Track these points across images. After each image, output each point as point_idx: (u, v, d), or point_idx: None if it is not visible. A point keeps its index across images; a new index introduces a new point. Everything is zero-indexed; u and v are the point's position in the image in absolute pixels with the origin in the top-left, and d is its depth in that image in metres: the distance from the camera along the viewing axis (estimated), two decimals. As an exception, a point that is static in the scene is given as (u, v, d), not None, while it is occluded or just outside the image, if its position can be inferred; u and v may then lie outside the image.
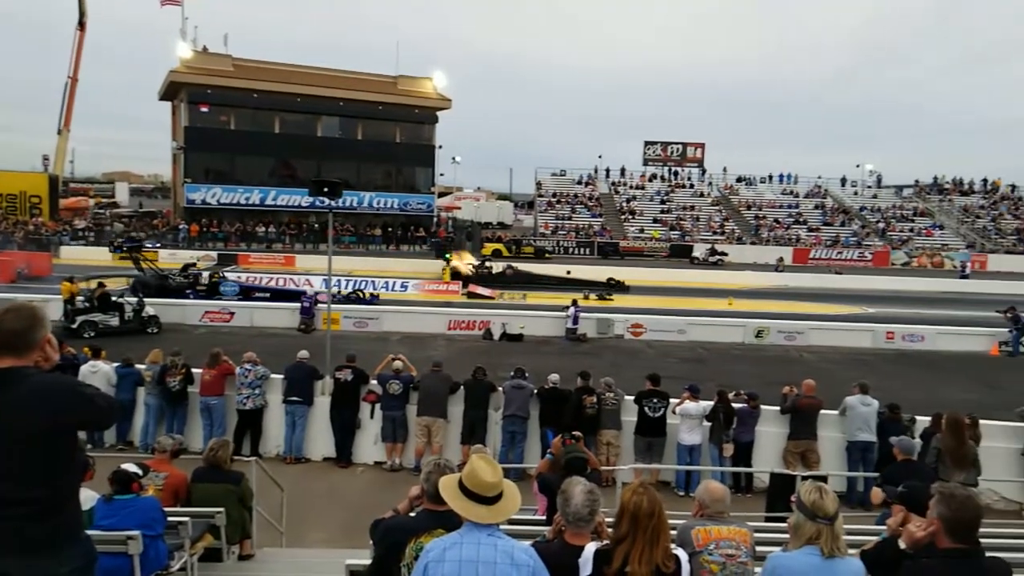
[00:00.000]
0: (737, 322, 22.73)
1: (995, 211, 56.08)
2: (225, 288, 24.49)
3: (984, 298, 30.24)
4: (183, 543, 5.57)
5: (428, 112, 51.89)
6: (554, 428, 10.38)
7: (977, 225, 53.83)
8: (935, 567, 2.91)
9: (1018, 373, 18.97)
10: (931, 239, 51.81)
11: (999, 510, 10.18)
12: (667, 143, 60.03)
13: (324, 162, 47.50)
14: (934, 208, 56.66)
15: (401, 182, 52.43)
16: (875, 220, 54.37)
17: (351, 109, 49.45)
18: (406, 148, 51.83)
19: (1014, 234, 52.24)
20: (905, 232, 52.59)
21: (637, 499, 3.07)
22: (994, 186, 59.70)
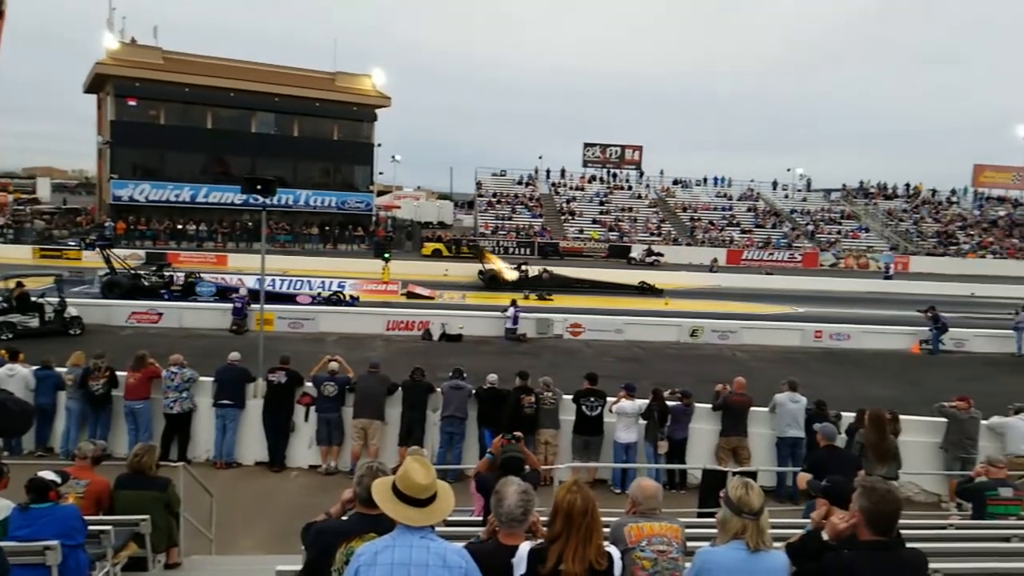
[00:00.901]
0: (673, 321, 23.13)
1: (917, 215, 58.72)
2: (201, 289, 23.85)
3: (906, 298, 31.50)
4: (105, 553, 5.38)
5: (367, 110, 51.31)
6: (492, 428, 10.42)
7: (900, 228, 56.23)
8: (856, 558, 3.00)
9: (937, 370, 19.81)
10: (857, 241, 53.88)
11: (919, 502, 10.64)
12: (606, 145, 60.80)
13: (259, 159, 46.53)
14: (860, 211, 58.95)
15: (339, 180, 51.68)
16: (804, 223, 56.20)
17: (287, 105, 48.48)
18: (344, 146, 51.12)
19: (934, 237, 54.76)
20: (833, 234, 54.55)
21: (571, 497, 3.08)
22: (916, 191, 62.54)
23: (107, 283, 23.51)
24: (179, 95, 46.06)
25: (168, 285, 23.81)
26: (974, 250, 52.75)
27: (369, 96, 51.29)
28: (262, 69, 48.86)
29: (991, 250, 52.91)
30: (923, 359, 21.69)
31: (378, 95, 51.72)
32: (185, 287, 23.67)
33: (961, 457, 10.44)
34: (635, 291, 31.82)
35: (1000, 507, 6.50)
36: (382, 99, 51.72)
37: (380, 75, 52.60)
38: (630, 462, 10.52)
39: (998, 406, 11.21)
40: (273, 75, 48.58)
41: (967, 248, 53.06)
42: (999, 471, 7.18)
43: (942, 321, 22.29)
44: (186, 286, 23.69)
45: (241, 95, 46.91)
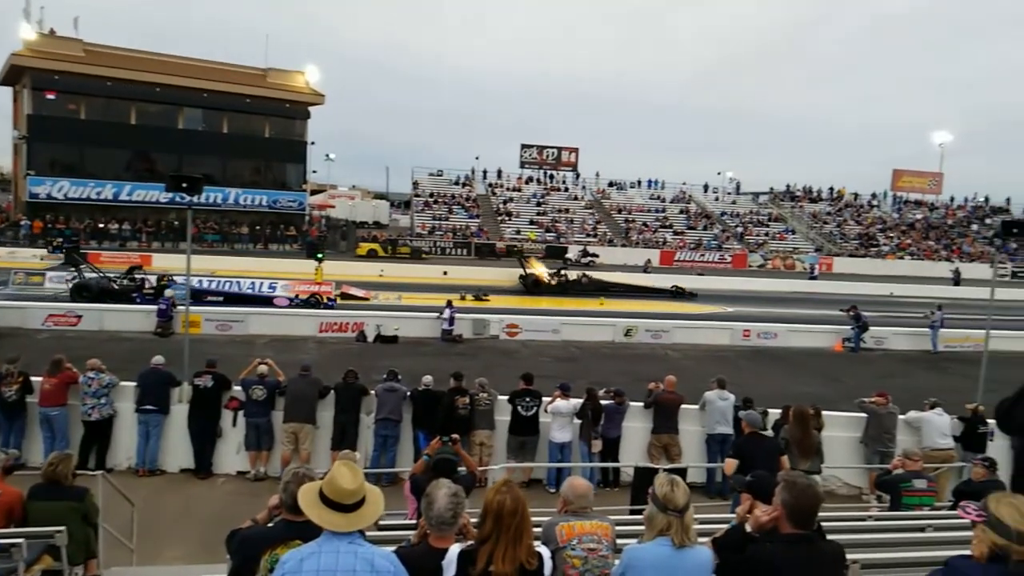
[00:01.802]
0: (607, 321, 23.44)
1: (840, 217, 61.08)
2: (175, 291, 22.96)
3: (830, 298, 32.68)
4: (16, 567, 5.10)
5: (300, 107, 50.32)
6: (427, 431, 10.34)
7: (824, 230, 58.36)
8: (776, 550, 3.08)
9: (859, 367, 20.61)
10: (784, 243, 55.66)
11: (842, 495, 11.02)
12: (543, 147, 61.15)
13: (186, 156, 45.10)
14: (787, 214, 60.94)
15: (270, 178, 50.52)
16: (734, 225, 57.76)
17: (216, 101, 47.11)
18: (276, 143, 50.00)
19: (856, 239, 57.03)
20: (761, 236, 56.22)
21: (500, 498, 3.07)
22: (839, 194, 65.08)
23: (76, 287, 22.71)
24: (101, 89, 44.25)
25: (140, 289, 23.14)
26: (893, 252, 55.16)
27: (302, 93, 50.33)
28: (190, 64, 47.36)
29: (909, 252, 55.43)
30: (845, 357, 22.52)
31: (311, 92, 50.81)
32: (157, 290, 22.83)
33: (880, 451, 10.88)
34: (668, 295, 32.68)
35: (914, 498, 6.78)
36: (315, 96, 50.82)
37: (314, 72, 51.78)
38: (565, 461, 10.58)
39: (915, 401, 11.72)
40: (202, 70, 47.15)
41: (887, 250, 55.44)
42: (914, 464, 7.50)
43: (863, 320, 23.19)
44: (158, 289, 22.87)
45: (167, 90, 45.34)
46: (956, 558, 2.56)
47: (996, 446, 10.21)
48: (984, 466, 6.94)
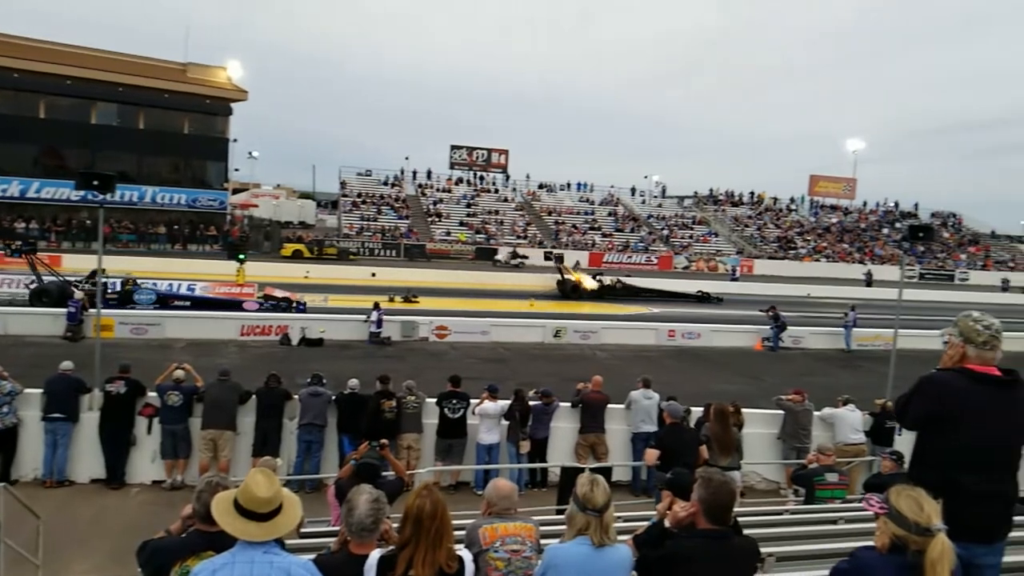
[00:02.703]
0: (537, 323, 23.58)
1: (760, 221, 63.19)
2: (140, 296, 22.01)
3: (751, 299, 33.73)
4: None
5: (221, 103, 48.71)
6: (351, 435, 10.19)
7: (745, 233, 60.26)
8: (692, 546, 3.14)
9: (777, 365, 21.34)
10: (707, 245, 57.22)
11: (761, 490, 11.39)
12: (473, 148, 61.13)
13: (100, 152, 43.06)
14: (710, 217, 62.68)
15: (190, 176, 48.74)
16: (660, 227, 59.03)
17: (132, 96, 45.12)
18: (196, 140, 48.29)
19: (775, 242, 59.10)
20: (685, 239, 57.65)
21: (420, 502, 3.04)
22: (759, 198, 67.39)
23: (35, 292, 21.50)
24: (7, 81, 41.75)
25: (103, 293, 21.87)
26: (810, 254, 57.38)
27: (224, 89, 48.79)
28: (104, 56, 45.27)
29: (825, 254, 57.77)
30: (765, 355, 23.27)
31: (234, 88, 49.33)
32: (122, 295, 21.91)
33: (796, 446, 11.29)
34: (694, 299, 33.41)
35: (827, 491, 7.06)
36: (238, 92, 49.36)
37: (236, 68, 50.29)
38: (493, 463, 10.58)
39: (829, 398, 12.21)
40: (117, 63, 45.12)
41: (804, 252, 57.63)
42: (827, 458, 7.81)
43: (782, 320, 24.03)
44: (123, 294, 21.94)
45: (79, 83, 43.18)
46: (860, 549, 2.65)
47: (904, 440, 10.69)
48: (892, 459, 7.27)
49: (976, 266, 58.42)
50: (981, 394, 3.00)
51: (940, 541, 2.39)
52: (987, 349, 3.04)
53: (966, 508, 2.58)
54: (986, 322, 3.07)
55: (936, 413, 3.10)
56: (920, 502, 2.45)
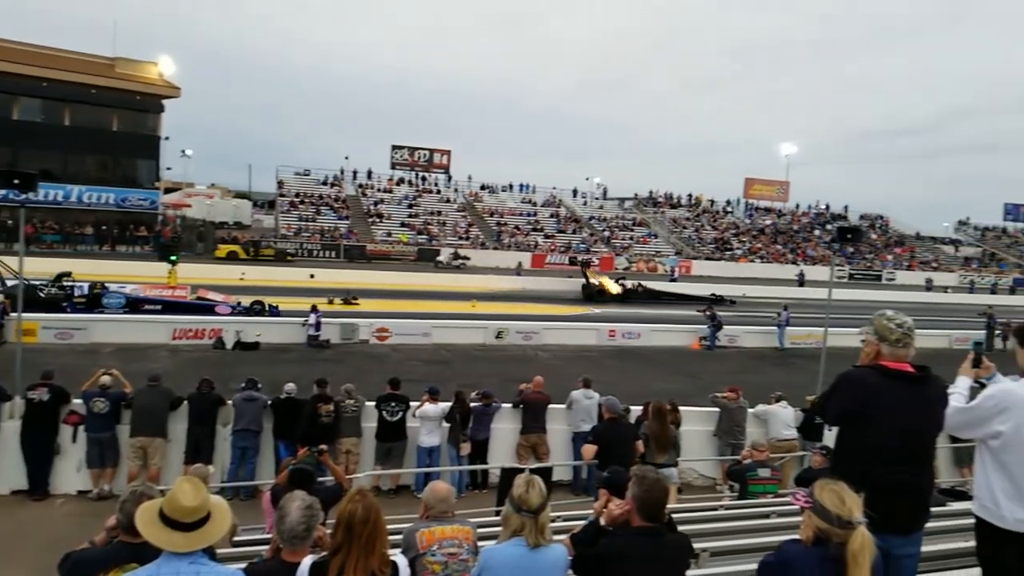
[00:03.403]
0: (479, 324, 23.56)
1: (698, 223, 64.54)
2: (109, 300, 21.32)
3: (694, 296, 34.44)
4: None
5: (152, 99, 47.11)
6: (287, 441, 10.00)
7: (684, 235, 61.45)
8: (625, 543, 3.17)
9: (714, 363, 21.81)
10: (647, 246, 58.11)
11: (698, 486, 11.60)
12: (414, 148, 60.71)
13: (23, 150, 41.12)
14: (650, 219, 63.71)
15: (119, 175, 46.99)
16: (601, 229, 59.71)
17: (57, 91, 43.20)
18: (125, 138, 46.54)
19: (712, 243, 60.43)
20: (626, 240, 58.45)
21: (351, 507, 3.00)
22: (697, 201, 68.87)
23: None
24: (-79, 73, 39.68)
25: (70, 297, 21.25)
26: (745, 255, 58.87)
27: (155, 85, 47.21)
28: (27, 50, 43.23)
29: (759, 255, 59.34)
30: (702, 354, 23.77)
31: (165, 84, 47.79)
32: (90, 299, 21.21)
33: (731, 443, 11.55)
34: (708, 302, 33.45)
35: (759, 486, 7.23)
36: (170, 89, 47.85)
37: (168, 63, 48.70)
38: (433, 465, 10.51)
39: (763, 395, 12.50)
40: (41, 57, 43.18)
41: (739, 253, 59.08)
42: (760, 454, 8.01)
43: (718, 319, 24.60)
44: (91, 297, 21.22)
45: (0, 77, 41.27)
46: (786, 543, 2.71)
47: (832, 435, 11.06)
48: (822, 454, 7.50)
49: (902, 266, 60.79)
50: (894, 390, 3.11)
51: (860, 533, 2.46)
52: (900, 347, 3.16)
53: (883, 500, 2.67)
54: (899, 320, 3.19)
55: (852, 409, 3.20)
56: (842, 496, 2.52)
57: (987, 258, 67.40)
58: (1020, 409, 3.09)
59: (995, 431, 3.15)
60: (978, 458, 3.33)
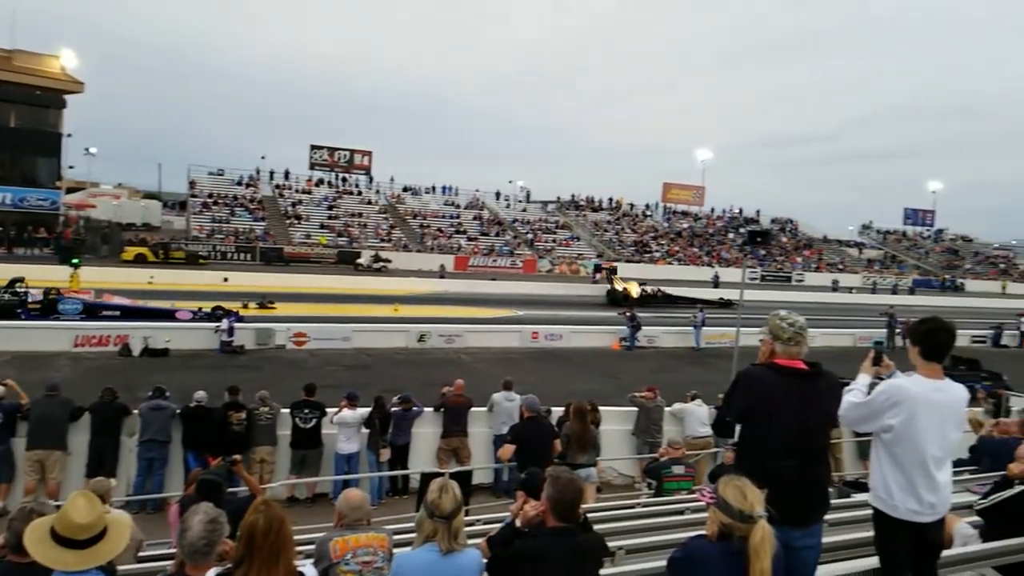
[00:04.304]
0: (401, 327, 23.31)
1: (618, 226, 65.81)
2: (65, 306, 20.35)
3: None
4: None
5: (53, 94, 44.72)
6: (197, 451, 9.64)
7: (605, 237, 62.54)
8: (539, 544, 3.18)
9: (633, 364, 22.23)
10: (569, 249, 58.85)
11: (618, 485, 11.78)
12: (334, 149, 59.64)
13: (-90, 146, 38.45)
14: (572, 222, 64.58)
15: (17, 174, 44.39)
16: (525, 231, 60.13)
17: (-52, 84, 40.60)
18: (23, 134, 44.00)
19: (632, 246, 61.71)
20: (549, 243, 59.03)
21: (253, 518, 2.89)
22: (617, 204, 70.22)
23: None
24: None
25: (24, 303, 20.12)
26: (664, 257, 60.36)
27: (56, 79, 44.77)
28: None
29: (677, 257, 60.94)
30: (622, 354, 24.21)
31: (68, 79, 45.39)
32: (45, 305, 20.19)
33: (648, 441, 11.79)
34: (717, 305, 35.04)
35: (674, 483, 7.40)
36: (72, 83, 45.48)
37: (71, 57, 46.25)
38: (352, 472, 10.32)
39: (680, 394, 12.84)
40: (-71, 47, 40.43)
41: (658, 255, 60.53)
42: (676, 451, 8.19)
43: (637, 320, 25.13)
44: (47, 303, 20.20)
45: None
46: (693, 538, 2.77)
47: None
48: (733, 450, 7.73)
49: (810, 268, 63.60)
50: (787, 386, 3.23)
51: (761, 527, 2.53)
52: (792, 345, 3.28)
53: (781, 494, 2.76)
54: (790, 320, 3.33)
55: (750, 406, 3.31)
56: (744, 491, 2.59)
57: (889, 260, 71.28)
58: (910, 403, 3.26)
59: (887, 425, 3.30)
60: (873, 451, 3.49)
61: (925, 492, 3.26)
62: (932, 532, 3.36)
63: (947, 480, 3.33)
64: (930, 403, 3.26)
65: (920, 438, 3.25)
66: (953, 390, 3.36)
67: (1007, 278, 69.20)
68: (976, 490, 5.37)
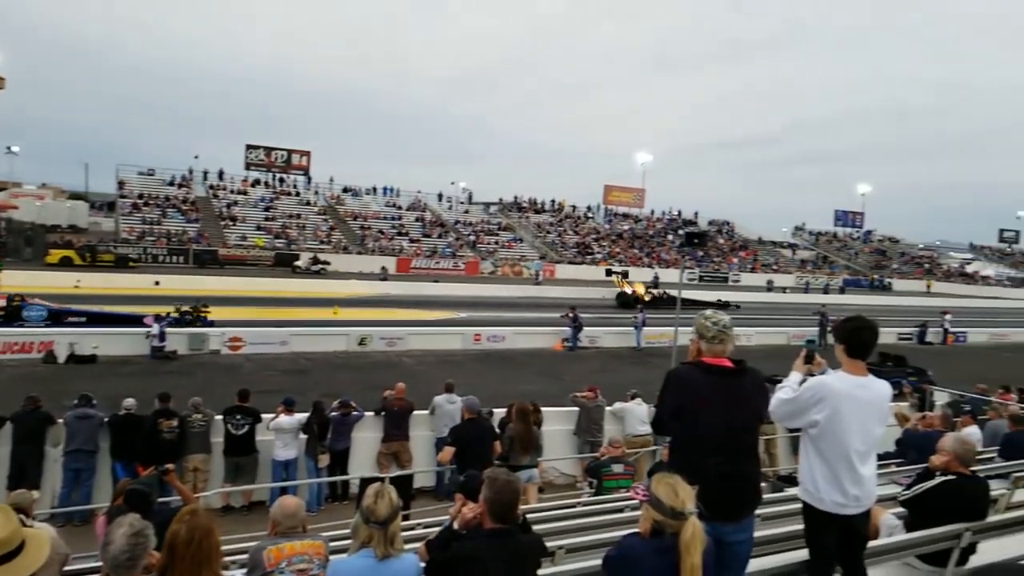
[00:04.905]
0: (341, 330, 22.94)
1: (561, 227, 66.28)
2: (29, 313, 19.76)
3: (553, 301, 35.19)
4: None
5: (-29, 90, 42.63)
6: (126, 460, 9.30)
7: (548, 239, 62.90)
8: (476, 546, 3.16)
9: (575, 364, 22.38)
10: (512, 251, 58.99)
11: (560, 484, 11.83)
12: (271, 148, 58.46)
13: None
14: (515, 224, 64.76)
15: (-68, 173, 42.22)
16: (467, 233, 60.00)
17: None
18: (-61, 132, 41.88)
19: (575, 247, 62.25)
20: (491, 244, 59.05)
21: (175, 528, 2.82)
22: (560, 206, 70.73)
23: None
24: None
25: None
26: (605, 259, 60.95)
27: (-26, 74, 42.72)
28: None
29: (618, 259, 61.63)
30: (564, 355, 24.35)
31: (-13, 74, 43.34)
32: (8, 311, 19.50)
33: (590, 441, 11.89)
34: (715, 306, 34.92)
35: (613, 481, 7.49)
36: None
37: (-10, 51, 44.18)
38: (291, 479, 10.11)
39: (621, 393, 12.98)
40: None
41: (600, 257, 61.17)
42: (616, 450, 8.30)
43: (579, 321, 25.31)
44: (10, 310, 19.51)
45: None
46: (627, 536, 2.80)
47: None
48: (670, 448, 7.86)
49: (746, 268, 65.26)
50: (712, 384, 3.30)
51: (691, 523, 2.57)
52: (716, 343, 3.36)
53: (710, 489, 2.81)
54: (715, 319, 3.41)
55: (679, 404, 3.37)
56: (675, 488, 2.63)
57: (821, 261, 73.70)
58: (834, 400, 3.36)
59: (812, 420, 3.40)
60: (802, 446, 3.60)
61: (849, 485, 3.36)
62: (858, 524, 3.47)
63: (871, 474, 3.44)
64: (853, 399, 3.36)
65: (844, 433, 3.35)
66: (876, 386, 3.47)
67: (931, 277, 72.45)
68: (902, 482, 5.56)
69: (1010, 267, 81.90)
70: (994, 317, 44.50)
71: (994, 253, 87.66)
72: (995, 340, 35.69)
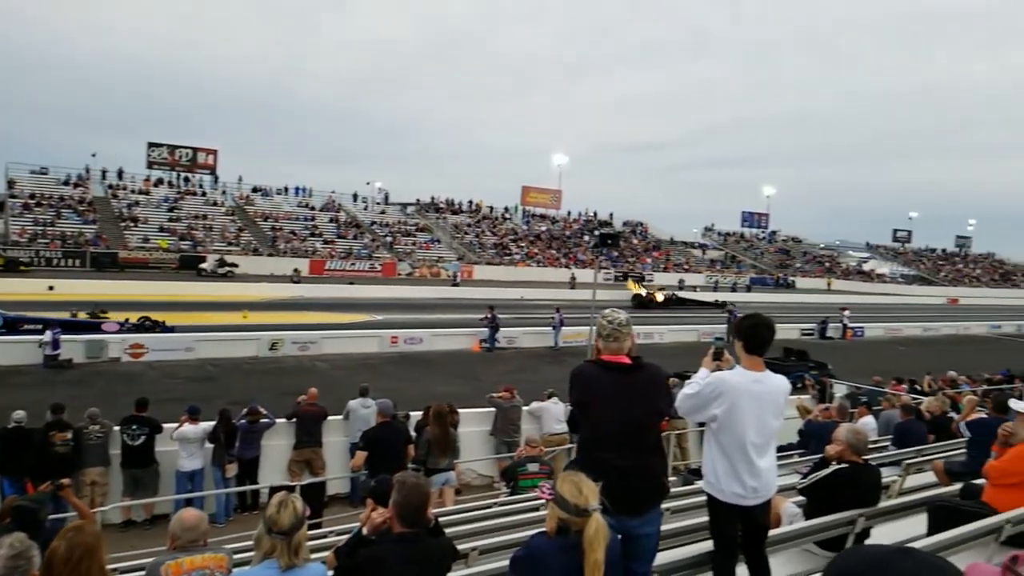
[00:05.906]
0: (251, 335, 22.23)
1: (478, 228, 66.33)
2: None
3: (471, 302, 35.13)
4: None
5: None
6: (16, 476, 8.72)
7: (465, 240, 62.84)
8: (384, 550, 3.12)
9: (492, 366, 22.43)
10: (429, 252, 58.65)
11: (477, 486, 11.83)
12: (175, 147, 56.17)
13: None
14: (432, 224, 64.41)
15: None
16: (384, 234, 59.28)
17: None
18: None
19: (493, 248, 62.42)
20: (409, 245, 58.55)
21: (55, 545, 2.68)
22: (477, 207, 70.83)
23: None
24: None
25: None
26: (523, 259, 61.50)
27: None
28: None
29: (536, 260, 62.26)
30: (482, 356, 24.37)
31: None
32: None
33: (506, 441, 11.94)
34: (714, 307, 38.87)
35: (528, 481, 7.52)
36: None
37: None
38: (196, 490, 9.72)
39: (538, 393, 13.09)
40: None
41: (518, 258, 61.62)
42: (533, 450, 8.34)
43: (497, 321, 25.38)
44: None
45: None
46: (534, 535, 2.81)
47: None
48: (582, 445, 7.96)
49: (659, 268, 66.97)
50: (609, 380, 3.37)
51: (594, 520, 2.60)
52: (611, 341, 3.44)
53: (611, 484, 2.84)
54: (610, 318, 3.50)
55: (580, 400, 3.46)
56: (579, 485, 2.65)
57: (729, 260, 76.47)
58: (732, 394, 3.48)
59: (712, 414, 3.51)
60: (705, 440, 3.72)
61: (747, 477, 3.47)
62: (758, 515, 3.59)
63: (769, 465, 3.57)
64: (750, 393, 3.48)
65: (741, 426, 3.46)
66: (771, 381, 3.61)
67: (832, 275, 76.41)
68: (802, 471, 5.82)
69: (904, 265, 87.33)
70: (889, 312, 47.33)
71: (889, 252, 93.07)
72: (890, 334, 37.87)
